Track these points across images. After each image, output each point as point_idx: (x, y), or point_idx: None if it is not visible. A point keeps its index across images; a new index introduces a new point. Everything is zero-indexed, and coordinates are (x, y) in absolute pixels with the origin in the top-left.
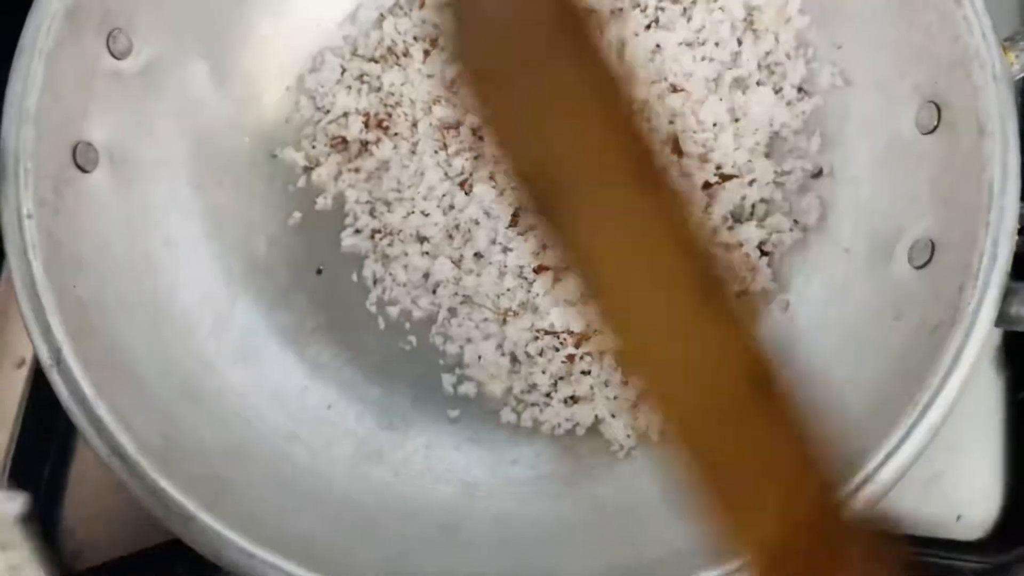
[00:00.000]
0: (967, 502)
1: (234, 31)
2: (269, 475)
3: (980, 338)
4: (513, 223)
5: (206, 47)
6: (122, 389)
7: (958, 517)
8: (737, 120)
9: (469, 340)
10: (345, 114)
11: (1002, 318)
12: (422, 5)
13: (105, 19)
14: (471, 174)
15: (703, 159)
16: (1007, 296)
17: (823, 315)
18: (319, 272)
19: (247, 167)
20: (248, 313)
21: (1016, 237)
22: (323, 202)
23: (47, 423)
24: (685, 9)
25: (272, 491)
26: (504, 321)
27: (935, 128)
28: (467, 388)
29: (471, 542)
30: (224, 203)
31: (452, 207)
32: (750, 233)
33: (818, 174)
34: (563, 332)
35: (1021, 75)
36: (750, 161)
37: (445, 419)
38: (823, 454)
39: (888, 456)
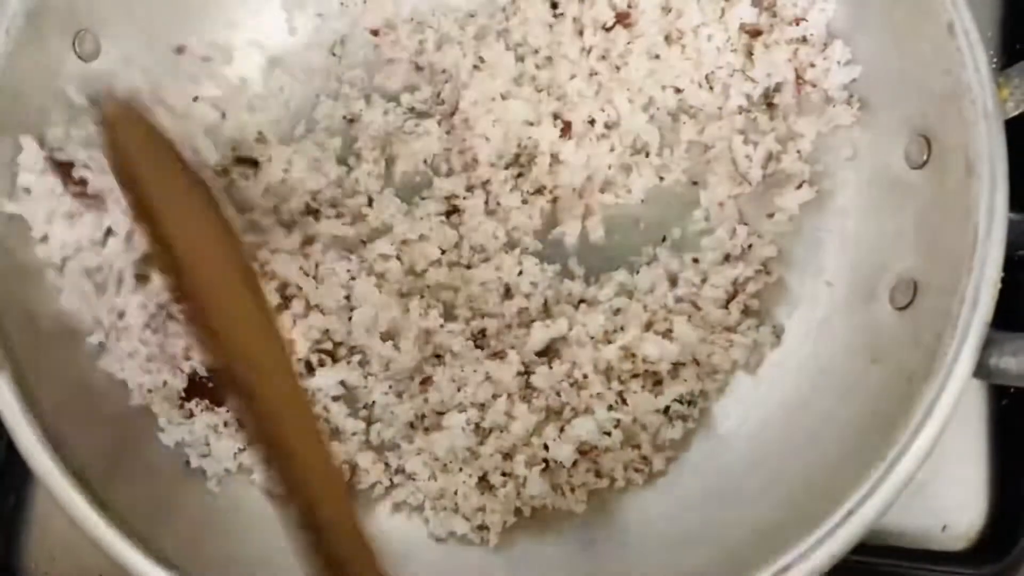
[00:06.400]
0: (952, 512)
1: (210, 27)
2: (218, 498)
3: (956, 390)
4: None
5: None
6: (71, 405)
7: (943, 527)
8: None
9: None
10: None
11: (981, 370)
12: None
13: (70, 20)
14: None
15: None
16: (987, 347)
17: (803, 349)
18: None
19: None
20: None
21: (999, 285)
22: None
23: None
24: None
25: (220, 515)
26: None
27: (925, 163)
28: None
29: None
30: None
31: None
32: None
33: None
34: None
35: (1015, 113)
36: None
37: None
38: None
39: (850, 513)
